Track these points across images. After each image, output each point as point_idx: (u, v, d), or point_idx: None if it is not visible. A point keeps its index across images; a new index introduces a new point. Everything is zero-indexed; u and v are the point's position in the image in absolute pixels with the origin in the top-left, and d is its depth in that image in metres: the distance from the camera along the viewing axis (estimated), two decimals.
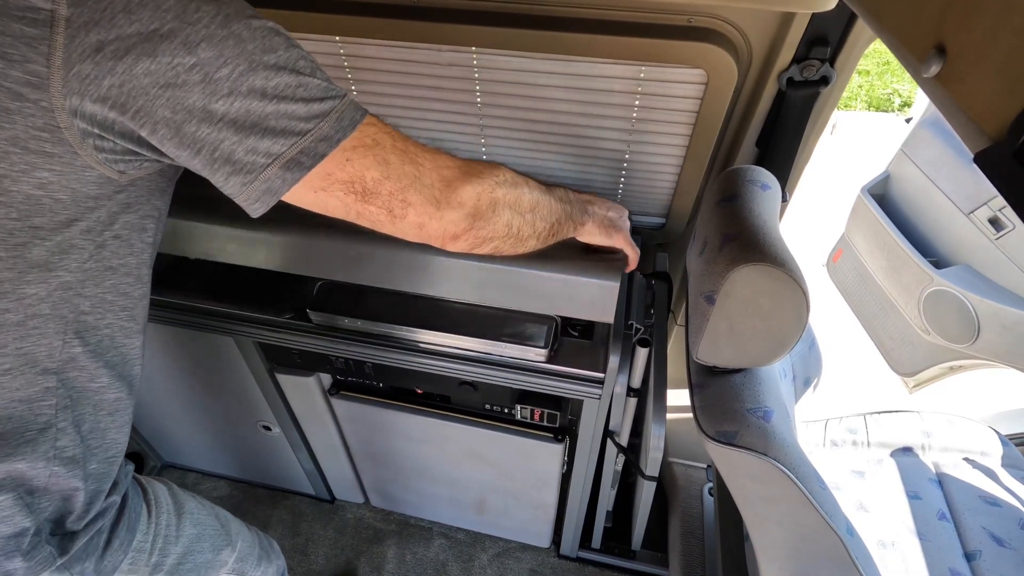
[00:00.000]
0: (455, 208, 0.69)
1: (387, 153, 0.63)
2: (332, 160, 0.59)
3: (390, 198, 0.64)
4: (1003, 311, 1.47)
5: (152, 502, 0.88)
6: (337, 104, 0.59)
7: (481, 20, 1.03)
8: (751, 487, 0.79)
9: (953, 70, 0.44)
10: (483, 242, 0.76)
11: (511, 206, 0.76)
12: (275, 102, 0.55)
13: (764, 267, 0.66)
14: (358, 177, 0.61)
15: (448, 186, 0.68)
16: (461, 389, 1.23)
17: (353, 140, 0.60)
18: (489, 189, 0.72)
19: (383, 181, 0.63)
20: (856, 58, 0.96)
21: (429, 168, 0.67)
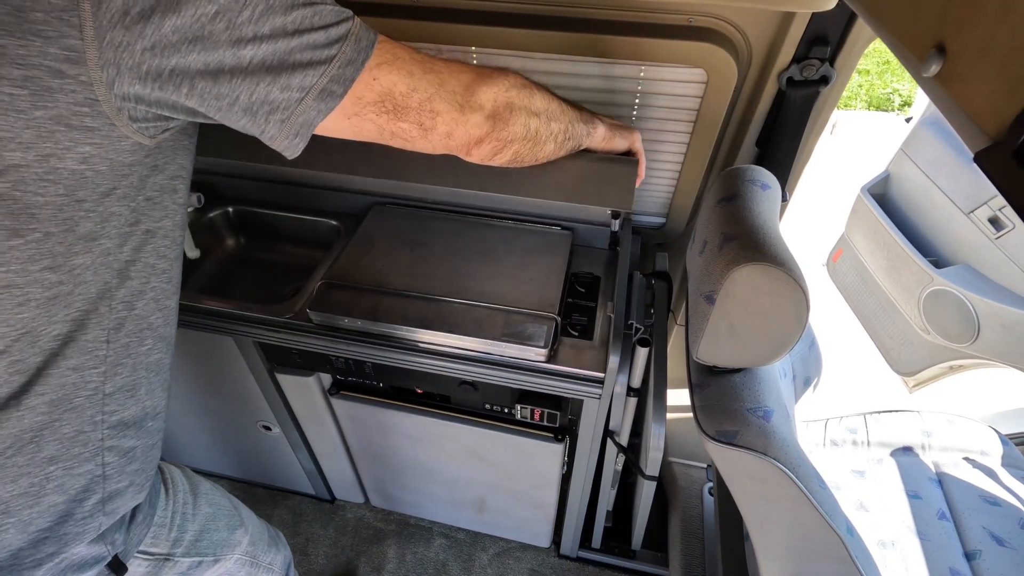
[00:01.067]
0: (476, 111, 0.73)
1: (409, 65, 0.65)
2: (360, 83, 0.61)
3: (419, 110, 0.67)
4: (1003, 310, 1.47)
5: (168, 481, 0.90)
6: (351, 26, 0.60)
7: (481, 20, 1.03)
8: (751, 487, 0.79)
9: (953, 70, 0.44)
10: (504, 145, 0.80)
11: (525, 107, 0.80)
12: (297, 36, 0.56)
13: (764, 267, 0.66)
14: (387, 93, 0.64)
15: (468, 89, 0.72)
16: (461, 389, 1.23)
17: (376, 58, 0.62)
18: (504, 90, 0.76)
19: (411, 94, 0.66)
20: (856, 58, 0.96)
21: (448, 74, 0.70)
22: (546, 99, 0.85)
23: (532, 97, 0.82)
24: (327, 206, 1.45)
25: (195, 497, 0.95)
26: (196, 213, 1.43)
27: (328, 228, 1.45)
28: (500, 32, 1.02)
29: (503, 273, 1.22)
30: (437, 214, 1.37)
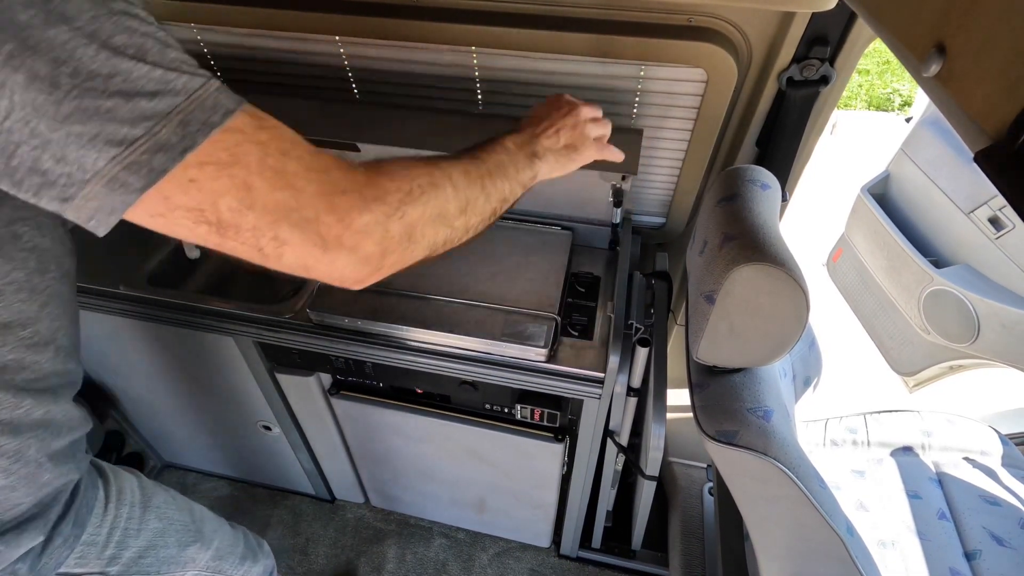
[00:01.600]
0: (350, 251, 0.52)
1: (250, 175, 0.46)
2: (170, 180, 0.43)
3: (255, 233, 0.48)
4: (1003, 310, 1.47)
5: (113, 494, 0.86)
6: (181, 102, 0.43)
7: (481, 20, 1.03)
8: (751, 487, 0.79)
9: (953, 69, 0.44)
10: (402, 266, 0.59)
11: (435, 220, 0.59)
12: (79, 96, 0.40)
13: (764, 267, 0.66)
14: (208, 204, 0.45)
15: (341, 219, 0.51)
16: (461, 389, 1.23)
17: (202, 153, 0.44)
18: (399, 214, 0.54)
19: (243, 212, 0.46)
20: (856, 57, 0.96)
21: (313, 193, 0.49)
22: (464, 193, 0.63)
23: (445, 202, 0.60)
24: None
25: (144, 511, 0.90)
26: None
27: None
28: (500, 32, 1.02)
29: (503, 273, 1.22)
30: None
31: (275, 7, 1.09)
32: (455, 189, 0.61)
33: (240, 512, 1.84)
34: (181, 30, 1.21)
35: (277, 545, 1.76)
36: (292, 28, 1.13)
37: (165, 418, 1.67)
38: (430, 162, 0.61)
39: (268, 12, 1.09)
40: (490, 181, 0.67)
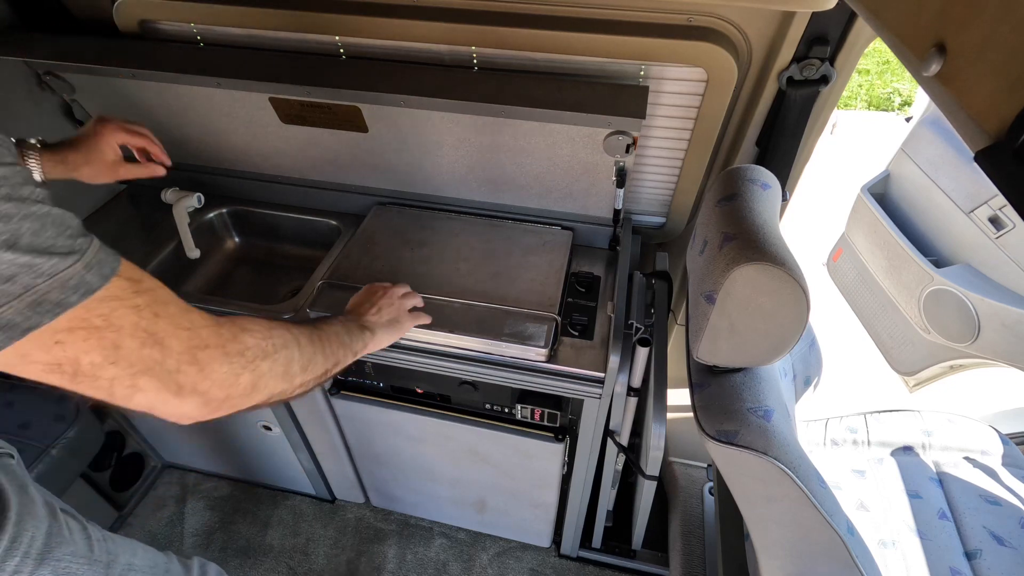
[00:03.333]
0: (201, 395, 0.57)
1: (121, 337, 0.50)
2: (32, 341, 0.45)
3: (111, 382, 0.51)
4: (1003, 310, 1.47)
5: (4, 541, 0.75)
6: (41, 283, 0.44)
7: (481, 20, 1.03)
8: (752, 486, 0.79)
9: (953, 69, 0.44)
10: (234, 411, 0.65)
11: (281, 376, 0.67)
12: None
13: (764, 266, 0.66)
14: (69, 360, 0.48)
15: (201, 370, 0.57)
16: (461, 389, 1.23)
17: (70, 319, 0.46)
18: (252, 367, 0.62)
19: (106, 367, 0.50)
20: (856, 57, 0.96)
21: (179, 350, 0.54)
22: (307, 353, 0.73)
23: (290, 361, 0.69)
24: (327, 206, 1.45)
25: (39, 564, 0.78)
26: (196, 213, 1.43)
27: (328, 228, 1.45)
28: (500, 32, 1.02)
29: (503, 273, 1.22)
30: (437, 214, 1.37)
31: (275, 7, 1.09)
32: (301, 350, 0.71)
33: (240, 512, 1.84)
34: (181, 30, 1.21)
35: (277, 545, 1.76)
36: (291, 28, 1.13)
37: None
38: (284, 324, 0.71)
39: (268, 12, 1.09)
40: (329, 346, 0.79)
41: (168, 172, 1.15)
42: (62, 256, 0.46)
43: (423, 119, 1.12)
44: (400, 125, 1.15)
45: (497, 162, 1.19)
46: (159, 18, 1.19)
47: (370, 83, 1.07)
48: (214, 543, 1.77)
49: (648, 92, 1.02)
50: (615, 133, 1.03)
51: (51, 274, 0.45)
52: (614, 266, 1.29)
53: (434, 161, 1.23)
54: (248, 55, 1.18)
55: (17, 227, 0.44)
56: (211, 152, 1.39)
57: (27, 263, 0.44)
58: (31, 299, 0.44)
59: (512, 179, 1.23)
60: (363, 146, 1.24)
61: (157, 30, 1.22)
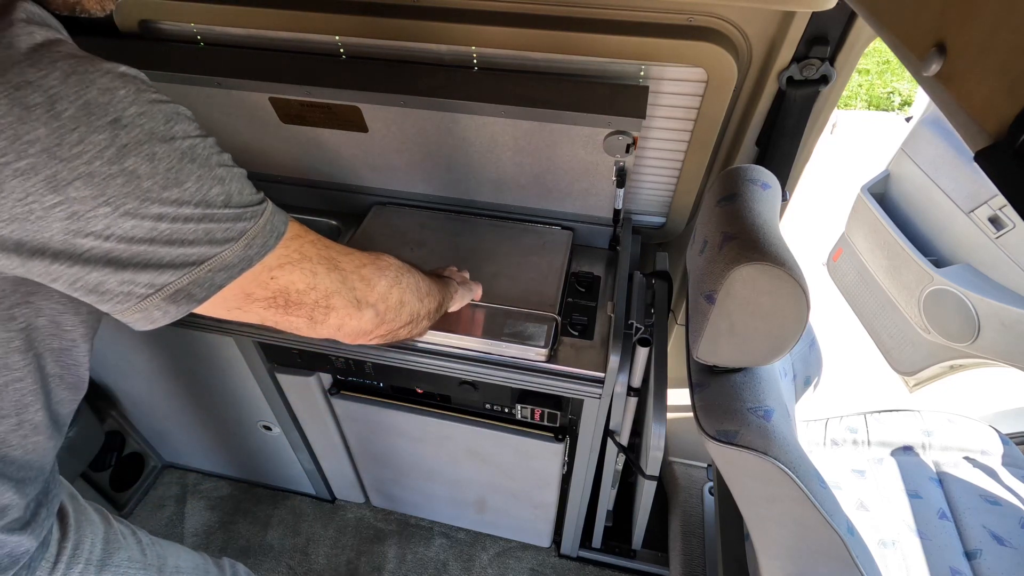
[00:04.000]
0: (372, 306, 0.71)
1: (315, 264, 0.62)
2: (252, 279, 0.56)
3: (314, 306, 0.63)
4: (1003, 310, 1.47)
5: (67, 551, 0.77)
6: (250, 226, 0.55)
7: (481, 20, 1.03)
8: (752, 486, 0.79)
9: (953, 68, 0.44)
10: (389, 335, 0.78)
11: (413, 291, 0.80)
12: (165, 245, 0.49)
13: (764, 266, 0.66)
14: (282, 291, 0.60)
15: (368, 284, 0.70)
16: (461, 389, 1.23)
17: (277, 257, 0.58)
18: (396, 281, 0.75)
19: (309, 292, 0.62)
20: (856, 57, 0.96)
21: (350, 270, 0.67)
22: (427, 282, 0.86)
23: (418, 281, 0.82)
24: (327, 206, 1.45)
25: (100, 570, 0.81)
26: None
27: (328, 228, 1.45)
28: (500, 32, 1.02)
29: (503, 272, 1.22)
30: (437, 214, 1.37)
31: (275, 7, 1.09)
32: (417, 277, 0.83)
33: (240, 512, 1.84)
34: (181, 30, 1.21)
35: (277, 545, 1.76)
36: (292, 28, 1.13)
37: (165, 418, 1.67)
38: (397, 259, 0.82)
39: (268, 12, 1.09)
40: (432, 283, 0.89)
41: None
42: (257, 205, 0.56)
43: (423, 119, 1.12)
44: (400, 125, 1.15)
45: (497, 162, 1.19)
46: (159, 18, 1.19)
47: (370, 83, 1.07)
48: (214, 543, 1.77)
49: (648, 92, 1.02)
50: (615, 133, 1.03)
51: (255, 219, 0.55)
52: (614, 266, 1.29)
53: (434, 161, 1.23)
54: (248, 55, 1.18)
55: (230, 187, 0.53)
56: None
57: (238, 214, 0.53)
58: (245, 242, 0.54)
59: (512, 179, 1.23)
60: (363, 146, 1.24)
61: (157, 30, 1.22)
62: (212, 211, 0.51)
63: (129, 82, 0.47)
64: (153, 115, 0.48)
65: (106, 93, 0.45)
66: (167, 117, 0.49)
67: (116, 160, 0.45)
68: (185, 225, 0.50)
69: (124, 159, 0.46)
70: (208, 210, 0.51)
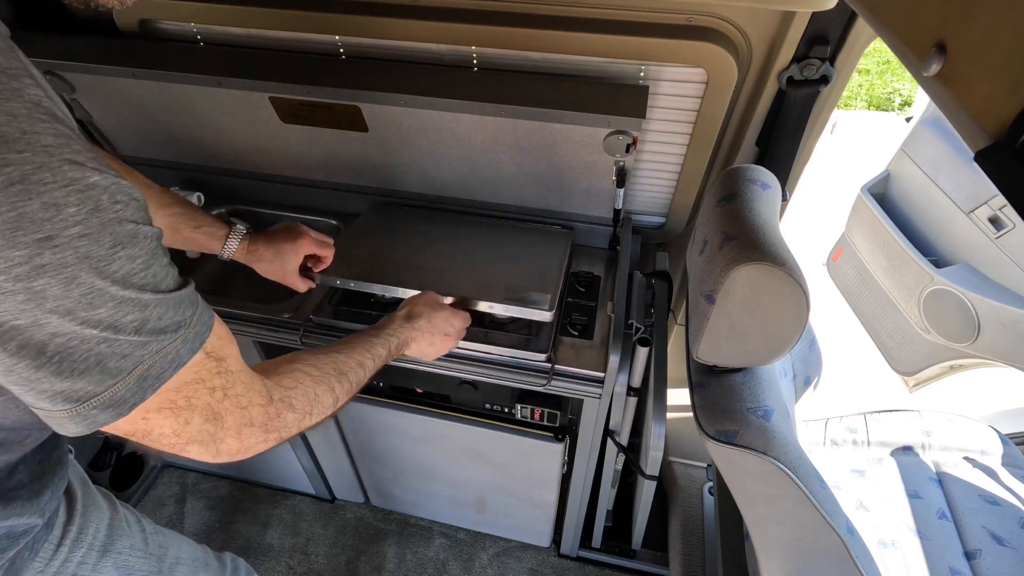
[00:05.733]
0: (232, 455, 0.62)
1: (194, 415, 0.55)
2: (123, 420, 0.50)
3: (170, 446, 0.56)
4: (1003, 310, 1.47)
5: (72, 534, 0.79)
6: (149, 359, 0.49)
7: (481, 20, 1.03)
8: (751, 486, 0.79)
9: (953, 69, 0.44)
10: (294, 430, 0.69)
11: (310, 413, 0.71)
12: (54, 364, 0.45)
13: (764, 266, 0.66)
14: (143, 432, 0.53)
15: (242, 443, 0.61)
16: (461, 388, 1.23)
17: (160, 401, 0.51)
18: (284, 436, 0.66)
19: (170, 437, 0.55)
20: (856, 57, 0.96)
21: (229, 426, 0.59)
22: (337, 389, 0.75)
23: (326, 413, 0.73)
24: (327, 205, 1.45)
25: (102, 556, 0.83)
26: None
27: (328, 228, 1.45)
28: (500, 32, 1.02)
29: (503, 271, 1.22)
30: (436, 213, 1.37)
31: (275, 7, 1.09)
32: (336, 404, 0.74)
33: (240, 512, 1.84)
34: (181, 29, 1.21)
35: (277, 545, 1.76)
36: (292, 28, 1.13)
37: None
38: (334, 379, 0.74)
39: (268, 12, 1.09)
40: (360, 381, 0.80)
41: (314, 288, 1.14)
42: (171, 332, 0.50)
43: (423, 119, 1.12)
44: (400, 125, 1.15)
45: (497, 162, 1.19)
46: (159, 17, 1.19)
47: (370, 83, 1.07)
48: (214, 543, 1.77)
49: (648, 92, 1.02)
50: (615, 133, 1.03)
51: (158, 350, 0.49)
52: (614, 266, 1.29)
53: (434, 161, 1.23)
54: (248, 55, 1.18)
55: (148, 314, 0.48)
56: (211, 151, 1.39)
57: (142, 342, 0.48)
58: (139, 373, 0.48)
59: (512, 179, 1.23)
60: (363, 145, 1.24)
61: (157, 29, 1.22)
62: (116, 336, 0.46)
63: (88, 199, 0.43)
64: (99, 238, 0.43)
65: (49, 209, 0.41)
66: (115, 241, 0.45)
67: (25, 278, 0.41)
68: (81, 346, 0.45)
69: (35, 279, 0.41)
70: (112, 335, 0.46)
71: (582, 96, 1.02)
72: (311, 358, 0.74)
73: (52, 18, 1.25)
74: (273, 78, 1.10)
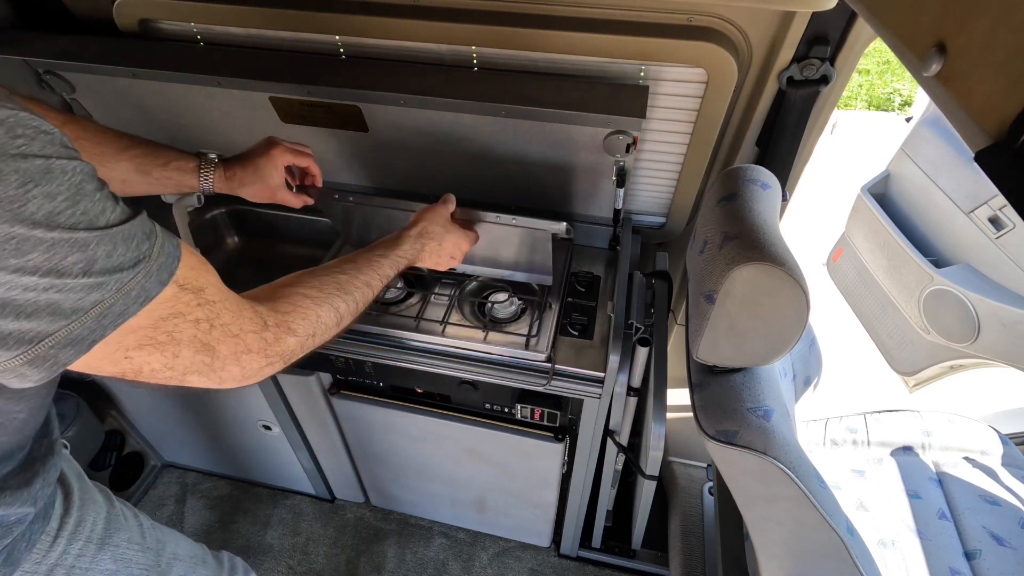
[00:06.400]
0: (239, 380, 0.62)
1: (181, 348, 0.54)
2: (102, 358, 0.49)
3: (166, 378, 0.55)
4: (1003, 310, 1.47)
5: (69, 526, 0.79)
6: (107, 295, 0.47)
7: (481, 20, 1.03)
8: (751, 486, 0.79)
9: (953, 69, 0.44)
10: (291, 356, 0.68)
11: (313, 335, 0.69)
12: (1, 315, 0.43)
13: (764, 266, 0.66)
14: (134, 369, 0.52)
15: (243, 369, 0.60)
16: (461, 388, 1.23)
17: (139, 338, 0.50)
18: (289, 360, 0.66)
19: (163, 371, 0.54)
20: (856, 57, 0.96)
21: (226, 355, 0.58)
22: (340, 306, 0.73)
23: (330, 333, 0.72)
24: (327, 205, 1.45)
25: (100, 549, 0.83)
26: (196, 213, 1.43)
27: (327, 227, 1.45)
28: (500, 32, 1.02)
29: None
30: None
31: (275, 7, 1.09)
32: (340, 324, 0.73)
33: (240, 512, 1.84)
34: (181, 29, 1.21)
35: (277, 545, 1.76)
36: (292, 28, 1.13)
37: (165, 417, 1.67)
38: (336, 297, 0.72)
39: (268, 12, 1.09)
40: (365, 299, 0.79)
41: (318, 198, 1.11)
42: (129, 269, 0.48)
43: (423, 119, 1.12)
44: (400, 125, 1.15)
45: (497, 162, 1.19)
46: (159, 17, 1.19)
47: (370, 83, 1.07)
48: (214, 542, 1.77)
49: (648, 92, 1.02)
50: (615, 133, 1.03)
51: (116, 287, 0.47)
52: (614, 266, 1.29)
53: (434, 161, 1.23)
54: (248, 54, 1.18)
55: (92, 254, 0.46)
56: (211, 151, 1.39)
57: (97, 283, 0.46)
58: (97, 312, 0.46)
59: (512, 179, 1.23)
60: (363, 145, 1.24)
61: (157, 29, 1.22)
62: (62, 281, 0.44)
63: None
64: (3, 177, 0.41)
65: None
66: (25, 178, 0.42)
67: None
68: (24, 294, 0.43)
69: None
70: (57, 280, 0.44)
71: (582, 96, 1.02)
72: (312, 279, 0.72)
73: (52, 18, 1.25)
74: (273, 78, 1.10)
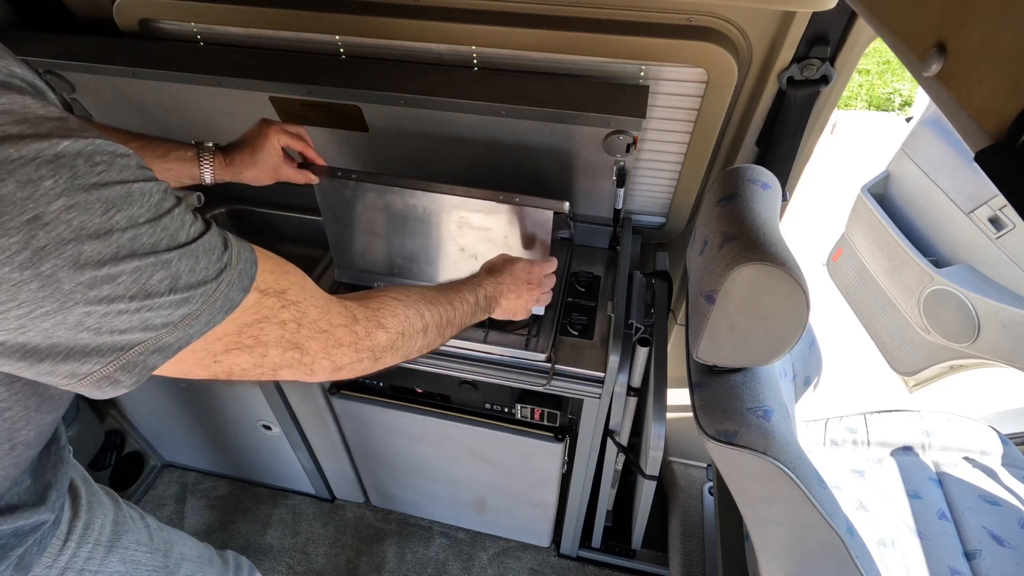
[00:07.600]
0: (331, 373, 0.63)
1: (268, 349, 0.54)
2: (193, 363, 0.51)
3: (257, 374, 0.57)
4: (1003, 310, 1.47)
5: (78, 530, 0.80)
6: (195, 308, 0.48)
7: (481, 20, 1.03)
8: (751, 486, 0.79)
9: (954, 69, 0.44)
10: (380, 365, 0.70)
11: (399, 357, 0.72)
12: (92, 334, 0.44)
13: (764, 266, 0.66)
14: (224, 371, 0.54)
15: (333, 363, 0.62)
16: (461, 388, 1.23)
17: (225, 344, 0.52)
18: (379, 358, 0.67)
19: (253, 370, 0.55)
20: (856, 57, 0.96)
21: (316, 351, 0.59)
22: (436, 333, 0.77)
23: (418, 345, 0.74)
24: None
25: (109, 551, 0.83)
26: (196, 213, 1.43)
27: None
28: (500, 32, 1.02)
29: None
30: None
31: (275, 7, 1.09)
32: (426, 336, 0.75)
33: (240, 511, 1.84)
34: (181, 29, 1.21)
35: (277, 544, 1.76)
36: (292, 28, 1.13)
37: (165, 417, 1.67)
38: (423, 304, 0.74)
39: (268, 11, 1.09)
40: (451, 328, 0.80)
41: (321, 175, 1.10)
42: (212, 280, 0.49)
43: (423, 118, 1.12)
44: (400, 124, 1.15)
45: (497, 162, 1.19)
46: (159, 17, 1.19)
47: (370, 83, 1.07)
48: (214, 542, 1.76)
49: (648, 92, 1.02)
50: (615, 133, 1.03)
51: (203, 300, 0.48)
52: (614, 266, 1.29)
53: (434, 160, 1.23)
54: (248, 54, 1.18)
55: (176, 270, 0.46)
56: None
57: (184, 298, 0.47)
58: (186, 323, 0.48)
59: (512, 179, 1.23)
60: (363, 145, 1.24)
61: (157, 29, 1.22)
62: (151, 301, 0.45)
63: (62, 168, 0.40)
64: (87, 206, 0.41)
65: (26, 186, 0.39)
66: (108, 205, 0.42)
67: (30, 264, 0.39)
68: (117, 318, 0.44)
69: (40, 263, 0.40)
70: (146, 300, 0.45)
71: (582, 96, 1.02)
72: (395, 290, 0.73)
73: (52, 18, 1.25)
74: (273, 78, 1.10)
